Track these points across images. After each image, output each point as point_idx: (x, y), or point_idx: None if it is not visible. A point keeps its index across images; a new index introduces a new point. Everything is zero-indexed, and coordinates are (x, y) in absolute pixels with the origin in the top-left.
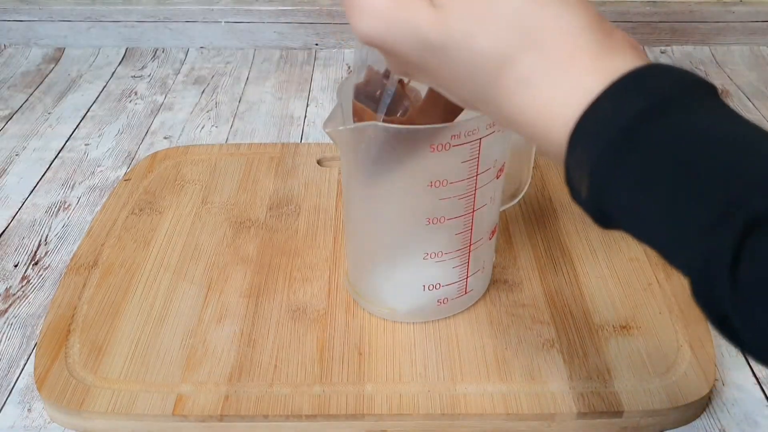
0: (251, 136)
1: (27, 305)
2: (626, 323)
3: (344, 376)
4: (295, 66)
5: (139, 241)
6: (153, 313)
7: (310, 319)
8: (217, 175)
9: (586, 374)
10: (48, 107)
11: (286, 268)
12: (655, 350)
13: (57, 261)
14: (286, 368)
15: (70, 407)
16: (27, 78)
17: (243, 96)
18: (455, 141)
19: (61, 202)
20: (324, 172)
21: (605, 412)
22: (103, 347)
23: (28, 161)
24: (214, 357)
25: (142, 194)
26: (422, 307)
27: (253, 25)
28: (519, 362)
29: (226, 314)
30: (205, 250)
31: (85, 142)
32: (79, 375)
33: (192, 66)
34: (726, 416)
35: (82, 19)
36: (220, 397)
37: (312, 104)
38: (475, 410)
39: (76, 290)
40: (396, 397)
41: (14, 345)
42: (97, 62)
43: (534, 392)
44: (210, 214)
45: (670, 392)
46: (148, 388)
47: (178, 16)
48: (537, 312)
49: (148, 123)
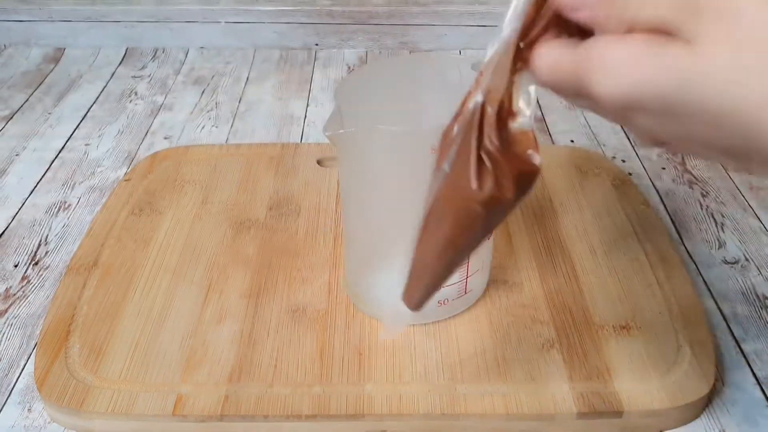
0: (251, 136)
1: (27, 305)
2: (626, 323)
3: (344, 377)
4: (295, 66)
5: (139, 241)
6: (153, 313)
7: (310, 320)
8: (217, 176)
9: (586, 374)
10: (48, 107)
11: (286, 268)
12: (655, 350)
13: (57, 261)
14: (286, 368)
15: (70, 407)
16: (27, 78)
17: (243, 96)
18: None
19: (61, 203)
20: (324, 172)
21: (605, 412)
22: (103, 347)
23: (28, 161)
24: (214, 357)
25: (142, 194)
26: (423, 309)
27: (253, 25)
28: (519, 362)
29: (226, 314)
30: (205, 250)
31: (85, 142)
32: (80, 375)
33: (192, 66)
34: (726, 416)
35: (82, 19)
36: (220, 398)
37: (312, 104)
38: (474, 410)
39: (76, 290)
40: (396, 398)
41: (14, 345)
42: (97, 62)
43: (534, 392)
44: (210, 214)
45: (670, 392)
46: (148, 389)
47: (178, 16)
48: (537, 312)
49: (148, 123)
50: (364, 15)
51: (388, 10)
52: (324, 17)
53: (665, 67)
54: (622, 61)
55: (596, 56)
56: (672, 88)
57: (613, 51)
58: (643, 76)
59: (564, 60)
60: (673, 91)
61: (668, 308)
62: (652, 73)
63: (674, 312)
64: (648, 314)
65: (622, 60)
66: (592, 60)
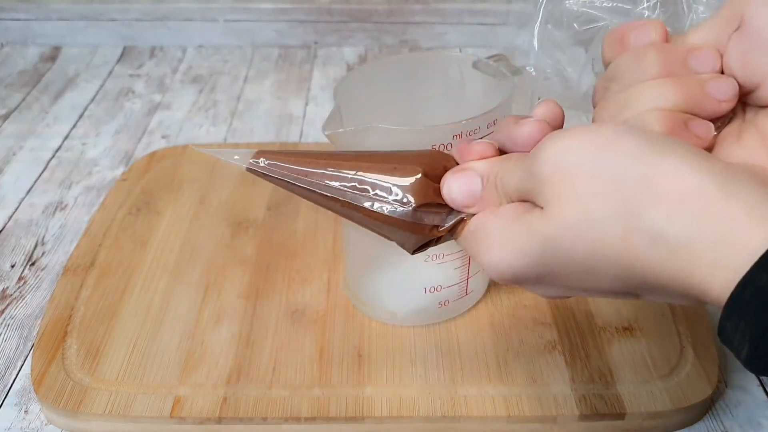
0: (250, 136)
1: (24, 306)
2: (629, 325)
3: (344, 378)
4: (294, 65)
5: (137, 241)
6: (150, 314)
7: (309, 321)
8: (216, 175)
9: (588, 376)
10: (45, 106)
11: (285, 268)
12: (657, 352)
13: (54, 262)
14: (284, 370)
15: (67, 409)
16: (24, 77)
17: (241, 95)
18: (457, 141)
19: (57, 202)
20: None
21: (607, 415)
22: (100, 348)
23: (24, 161)
24: (212, 359)
25: (140, 194)
26: (423, 310)
27: (252, 24)
28: (520, 364)
29: (224, 315)
30: (203, 250)
31: (83, 141)
32: (77, 376)
33: (190, 65)
34: (729, 418)
35: (79, 17)
36: (218, 399)
37: (311, 103)
38: (476, 413)
39: (73, 291)
40: (396, 400)
41: (11, 346)
42: (95, 61)
43: (536, 394)
44: (208, 214)
45: (673, 394)
46: (145, 390)
47: (176, 14)
48: (538, 313)
49: (145, 122)
50: (363, 13)
51: (387, 8)
52: (323, 15)
53: (529, 234)
54: (494, 241)
55: (480, 239)
56: (538, 249)
57: (489, 227)
58: (514, 246)
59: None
60: (540, 251)
61: (671, 309)
62: (521, 242)
63: (677, 313)
64: (650, 316)
65: (494, 239)
66: (478, 243)
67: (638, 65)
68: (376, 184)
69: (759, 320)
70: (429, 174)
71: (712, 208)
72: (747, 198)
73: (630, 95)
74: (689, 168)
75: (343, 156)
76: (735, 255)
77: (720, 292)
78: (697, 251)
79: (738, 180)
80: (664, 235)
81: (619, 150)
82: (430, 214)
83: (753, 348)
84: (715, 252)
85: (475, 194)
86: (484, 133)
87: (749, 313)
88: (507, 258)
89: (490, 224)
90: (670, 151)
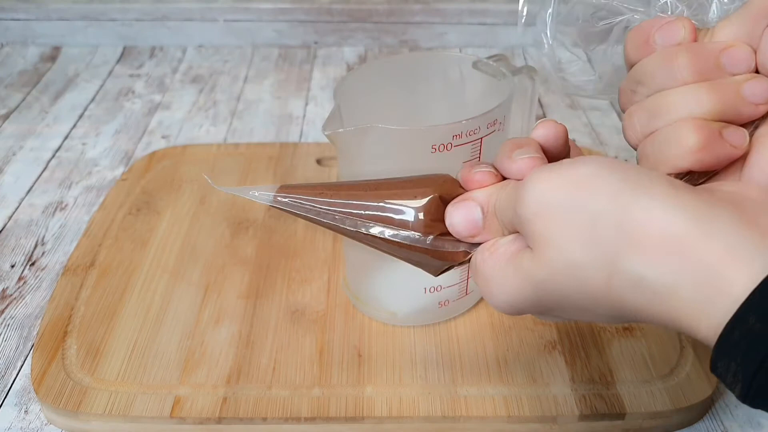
0: (250, 136)
1: (24, 306)
2: (629, 324)
3: (343, 378)
4: (294, 64)
5: (137, 241)
6: (150, 314)
7: (309, 321)
8: (216, 175)
9: (588, 376)
10: (45, 106)
11: (285, 269)
12: (657, 352)
13: (54, 262)
14: (284, 370)
15: (67, 409)
16: (24, 77)
17: (241, 95)
18: (457, 141)
19: (57, 202)
20: (323, 171)
21: (607, 414)
22: (100, 349)
23: (24, 161)
24: (212, 359)
25: (140, 194)
26: (424, 311)
27: (252, 24)
28: (520, 364)
29: (224, 315)
30: (203, 250)
31: (82, 141)
32: (77, 376)
33: (190, 65)
34: (729, 418)
35: (79, 17)
36: (218, 400)
37: (311, 103)
38: (476, 413)
39: (73, 291)
40: (396, 400)
41: (11, 346)
42: (95, 61)
43: (535, 394)
44: (208, 214)
45: (673, 394)
46: (145, 390)
47: (176, 14)
48: None
49: (145, 122)
50: (363, 13)
51: (388, 8)
52: (323, 15)
53: (522, 279)
54: (494, 283)
55: (480, 276)
56: (532, 291)
57: (486, 267)
58: (510, 289)
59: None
60: (534, 293)
61: None
62: (516, 285)
63: None
64: None
65: (494, 279)
66: (478, 278)
67: (668, 68)
68: (396, 211)
69: (749, 360)
70: (446, 199)
71: (693, 251)
72: (727, 237)
73: (661, 103)
74: (667, 208)
75: (363, 185)
76: (720, 298)
77: (707, 334)
78: (681, 295)
79: (718, 216)
80: (646, 280)
81: (594, 191)
82: (451, 241)
83: (746, 387)
84: (700, 295)
85: (477, 224)
86: (485, 132)
87: (739, 355)
88: (505, 298)
89: (488, 264)
90: (647, 191)
